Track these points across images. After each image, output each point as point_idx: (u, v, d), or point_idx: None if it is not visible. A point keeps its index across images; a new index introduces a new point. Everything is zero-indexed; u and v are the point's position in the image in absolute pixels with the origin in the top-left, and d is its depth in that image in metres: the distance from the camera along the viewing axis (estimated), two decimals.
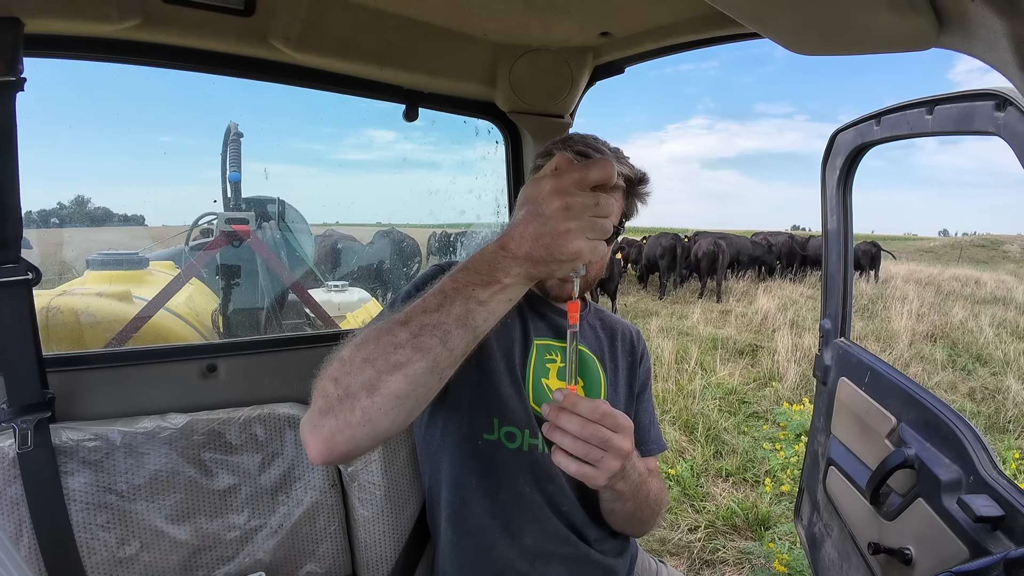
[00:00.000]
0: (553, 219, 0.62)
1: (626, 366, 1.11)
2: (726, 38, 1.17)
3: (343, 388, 0.64)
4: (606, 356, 1.09)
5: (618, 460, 0.74)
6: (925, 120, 1.16)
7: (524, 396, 0.97)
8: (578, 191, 0.62)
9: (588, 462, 0.73)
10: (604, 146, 1.01)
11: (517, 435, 0.95)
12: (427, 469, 1.05)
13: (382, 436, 0.65)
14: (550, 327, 1.06)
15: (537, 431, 0.96)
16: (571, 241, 0.62)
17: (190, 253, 2.97)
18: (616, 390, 1.07)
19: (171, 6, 1.00)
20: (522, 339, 1.02)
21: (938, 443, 1.11)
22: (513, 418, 0.95)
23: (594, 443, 0.72)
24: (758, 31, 0.62)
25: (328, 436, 0.64)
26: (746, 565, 2.66)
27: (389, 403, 0.63)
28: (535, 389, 0.99)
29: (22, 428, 0.96)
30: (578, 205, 0.62)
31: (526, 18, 1.17)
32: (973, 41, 0.48)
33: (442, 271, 0.80)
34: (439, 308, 0.63)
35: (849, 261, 1.58)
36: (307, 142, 7.48)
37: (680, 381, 5.42)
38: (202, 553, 1.10)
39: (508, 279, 0.64)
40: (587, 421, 0.72)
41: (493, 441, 0.95)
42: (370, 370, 0.63)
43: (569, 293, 1.03)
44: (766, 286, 12.55)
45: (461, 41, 1.27)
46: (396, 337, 0.63)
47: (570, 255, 0.62)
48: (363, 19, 1.14)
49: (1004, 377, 5.81)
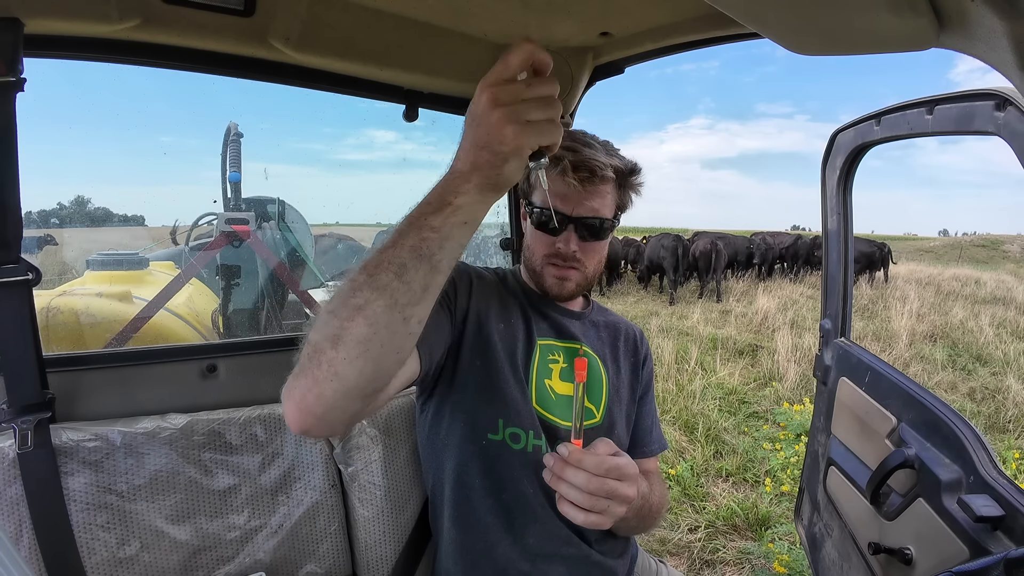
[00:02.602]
0: (483, 116, 0.59)
1: (629, 368, 1.11)
2: (726, 38, 1.16)
3: (311, 345, 0.62)
4: (608, 357, 1.09)
5: (623, 507, 0.76)
6: (925, 120, 1.16)
7: (528, 397, 0.97)
8: (506, 83, 0.59)
9: (595, 511, 0.74)
10: (593, 140, 1.01)
11: (522, 436, 0.95)
12: (431, 468, 1.04)
13: (353, 391, 0.62)
14: (552, 327, 1.05)
15: (541, 432, 0.96)
16: (505, 127, 0.57)
17: (190, 253, 2.97)
18: (618, 392, 1.07)
19: (171, 6, 1.00)
20: (525, 339, 1.02)
21: (938, 443, 1.11)
22: (518, 419, 0.95)
23: (601, 495, 0.74)
24: (758, 31, 0.61)
25: (299, 398, 0.63)
26: (746, 565, 2.66)
27: (352, 350, 0.60)
28: (538, 390, 0.99)
29: (22, 428, 0.96)
30: (505, 93, 0.58)
31: (526, 18, 1.17)
32: (973, 41, 0.48)
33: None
34: (394, 244, 0.61)
35: (849, 261, 1.58)
36: (307, 142, 7.49)
37: (680, 381, 5.42)
38: (202, 553, 1.10)
39: (459, 199, 0.61)
40: (593, 475, 0.73)
41: (498, 441, 0.95)
42: (333, 321, 0.61)
43: (570, 291, 1.03)
44: (766, 286, 12.55)
45: (461, 41, 1.27)
46: (355, 281, 0.61)
47: (510, 143, 0.58)
48: (363, 19, 1.14)
49: (1004, 377, 5.81)
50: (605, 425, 1.03)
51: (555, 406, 0.99)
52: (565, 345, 1.04)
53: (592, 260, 1.03)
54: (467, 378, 0.96)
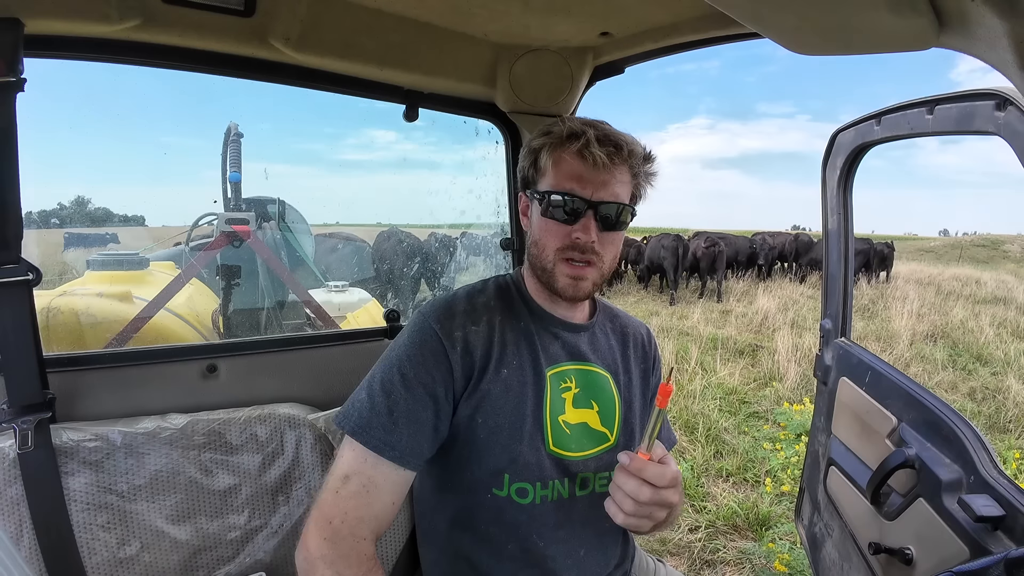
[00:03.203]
0: None
1: (639, 374, 1.06)
2: (726, 38, 1.16)
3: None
4: (619, 369, 1.03)
5: (664, 511, 0.79)
6: (925, 120, 1.15)
7: (541, 445, 0.91)
8: None
9: (638, 516, 0.78)
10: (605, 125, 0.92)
11: (529, 490, 0.90)
12: (426, 508, 0.99)
13: None
14: (563, 349, 0.97)
15: (552, 478, 0.91)
16: None
17: (190, 253, 2.97)
18: (631, 406, 1.02)
19: (171, 6, 1.00)
20: (534, 378, 0.92)
21: (939, 443, 1.11)
22: (526, 473, 0.89)
23: (653, 504, 0.77)
24: (758, 31, 0.61)
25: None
26: (746, 565, 2.66)
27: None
28: (554, 432, 0.92)
29: (22, 428, 0.96)
30: None
31: (526, 18, 1.17)
32: (973, 41, 0.48)
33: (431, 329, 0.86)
34: None
35: (849, 261, 1.58)
36: (307, 142, 7.50)
37: (680, 381, 5.42)
38: (202, 553, 1.10)
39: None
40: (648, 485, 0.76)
41: (503, 497, 0.90)
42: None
43: (585, 292, 0.92)
44: (766, 286, 12.55)
45: (461, 41, 1.27)
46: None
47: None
48: (363, 19, 1.14)
49: (1004, 377, 5.81)
50: (620, 444, 0.98)
51: (571, 441, 0.93)
52: (577, 368, 0.97)
53: (609, 254, 0.92)
54: (468, 435, 0.89)
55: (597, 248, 0.89)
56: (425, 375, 0.86)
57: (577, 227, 0.88)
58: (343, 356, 1.34)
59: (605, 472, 0.95)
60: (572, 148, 0.87)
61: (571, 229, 0.88)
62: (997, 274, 18.46)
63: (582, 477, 0.93)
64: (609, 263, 0.93)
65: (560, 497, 0.92)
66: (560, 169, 0.89)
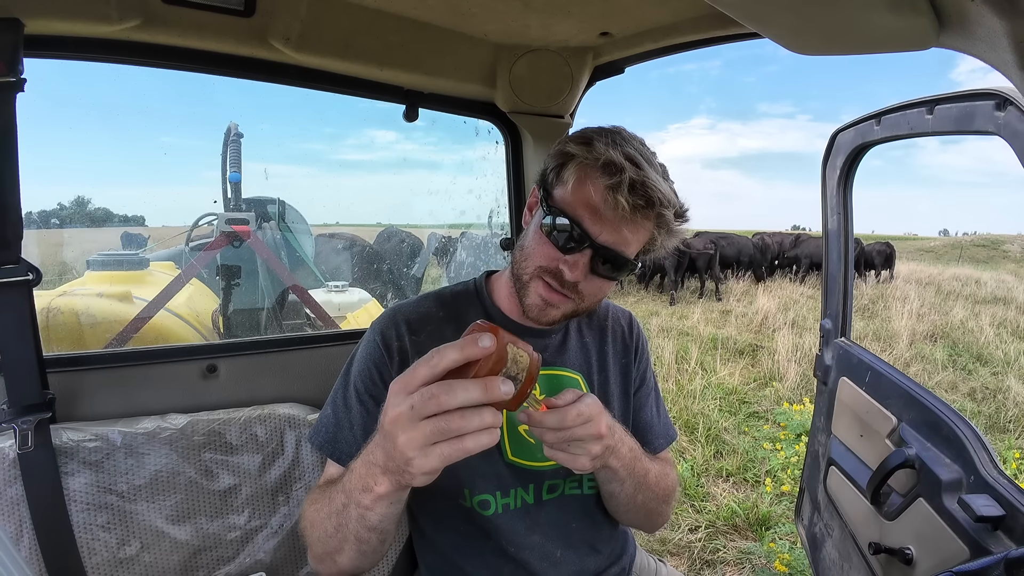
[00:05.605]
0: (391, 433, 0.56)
1: (619, 370, 1.02)
2: (726, 38, 1.17)
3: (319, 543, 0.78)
4: (594, 368, 0.99)
5: (597, 444, 0.76)
6: (925, 120, 1.15)
7: (498, 456, 0.90)
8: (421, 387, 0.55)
9: (569, 453, 0.76)
10: (649, 152, 0.84)
11: (491, 501, 0.90)
12: (414, 514, 1.00)
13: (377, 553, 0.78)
14: None
15: (512, 487, 0.91)
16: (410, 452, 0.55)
17: (190, 254, 2.97)
18: (607, 406, 0.95)
19: (171, 7, 1.00)
20: None
21: (939, 443, 1.11)
22: (484, 485, 0.89)
23: (570, 441, 0.75)
24: (758, 31, 0.62)
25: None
26: (747, 565, 2.66)
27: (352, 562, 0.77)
28: (512, 442, 0.91)
29: (22, 429, 0.96)
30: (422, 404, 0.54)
31: (526, 18, 1.17)
32: (973, 41, 0.48)
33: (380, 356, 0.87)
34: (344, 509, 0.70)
35: (849, 261, 1.58)
36: (307, 142, 7.48)
37: (680, 381, 5.42)
38: (202, 554, 1.10)
39: (378, 487, 0.63)
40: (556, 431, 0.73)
41: (467, 508, 0.90)
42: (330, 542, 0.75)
43: (551, 319, 0.86)
44: (766, 286, 12.55)
45: (461, 41, 1.27)
46: (326, 530, 0.75)
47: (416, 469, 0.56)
48: (363, 19, 1.14)
49: (1004, 377, 5.82)
50: None
51: (536, 448, 0.90)
52: (541, 374, 0.88)
53: (592, 297, 0.86)
54: None
55: (581, 288, 0.83)
56: (372, 386, 0.88)
57: (569, 259, 0.81)
58: (343, 356, 1.33)
59: (577, 477, 0.94)
60: (602, 180, 0.78)
61: (562, 258, 0.82)
62: (997, 274, 18.47)
63: (550, 484, 0.93)
64: (588, 304, 0.87)
65: (525, 504, 0.92)
66: (580, 193, 0.80)
